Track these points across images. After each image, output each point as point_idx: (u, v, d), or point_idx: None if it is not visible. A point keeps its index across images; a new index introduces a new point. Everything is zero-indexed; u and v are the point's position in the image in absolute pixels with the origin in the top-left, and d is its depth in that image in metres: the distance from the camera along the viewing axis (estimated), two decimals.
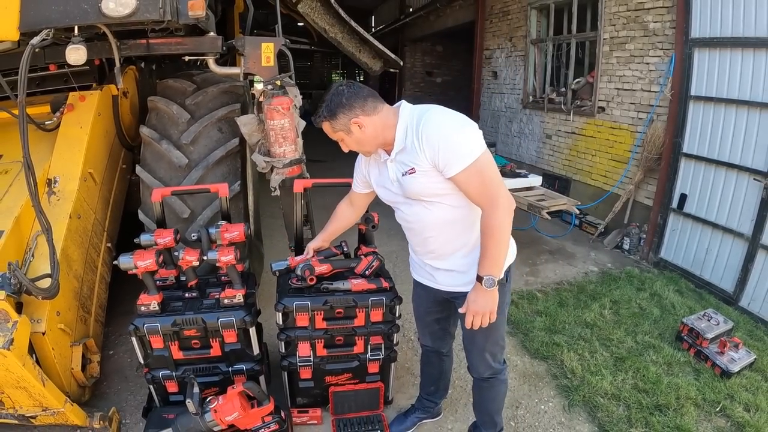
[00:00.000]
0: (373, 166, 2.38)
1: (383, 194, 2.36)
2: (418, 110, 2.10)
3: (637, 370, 3.58)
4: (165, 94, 3.82)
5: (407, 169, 2.10)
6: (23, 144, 2.58)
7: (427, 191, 2.11)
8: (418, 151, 2.03)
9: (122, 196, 4.08)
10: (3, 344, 2.35)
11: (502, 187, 2.02)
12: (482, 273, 2.04)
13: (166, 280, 3.04)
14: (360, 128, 2.09)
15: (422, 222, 2.24)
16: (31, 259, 2.95)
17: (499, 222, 1.99)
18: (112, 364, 3.78)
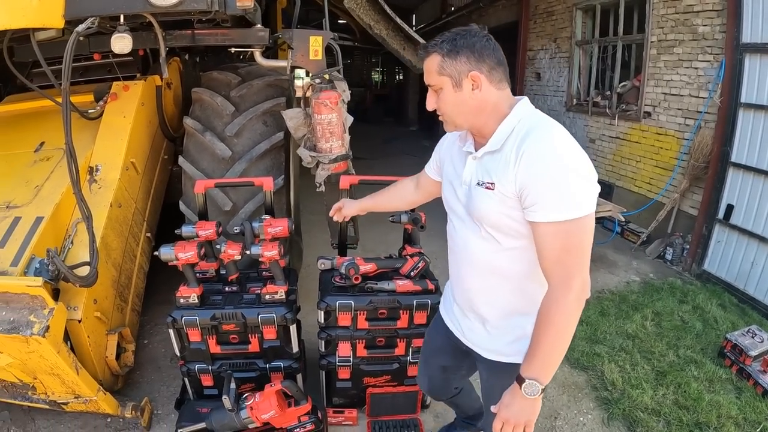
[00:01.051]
0: (455, 154, 1.82)
1: (446, 192, 1.85)
2: (536, 117, 1.55)
3: (679, 385, 3.35)
4: (209, 86, 3.67)
5: (487, 180, 1.56)
6: (66, 131, 2.47)
7: (493, 219, 1.57)
8: (510, 165, 1.48)
9: (163, 187, 3.95)
10: (38, 331, 2.25)
11: (585, 268, 1.45)
12: (526, 374, 1.48)
13: (206, 273, 2.88)
14: (472, 89, 1.54)
15: (470, 252, 1.72)
16: (70, 247, 2.84)
17: (567, 311, 1.42)
18: (146, 353, 3.66)
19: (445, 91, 1.57)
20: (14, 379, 2.60)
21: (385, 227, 3.49)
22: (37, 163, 3.20)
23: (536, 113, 1.56)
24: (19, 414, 3.03)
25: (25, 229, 2.73)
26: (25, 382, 2.61)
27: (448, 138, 1.91)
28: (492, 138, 1.56)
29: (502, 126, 1.54)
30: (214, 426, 2.45)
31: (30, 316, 2.33)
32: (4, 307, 2.39)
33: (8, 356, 2.41)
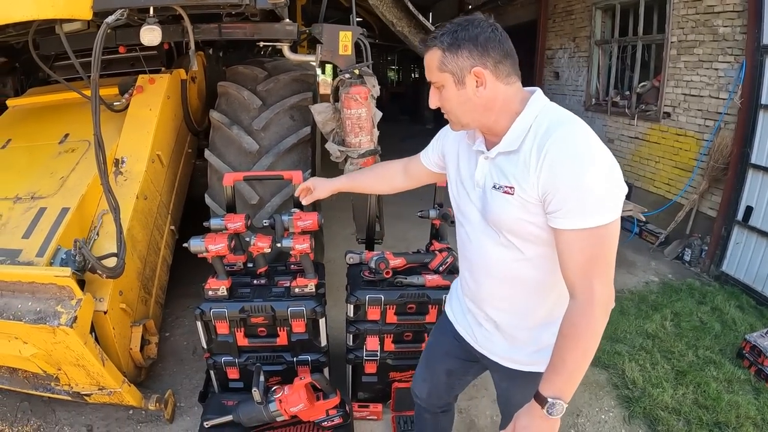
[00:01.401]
0: (463, 151, 1.64)
1: (456, 194, 1.67)
2: (555, 113, 1.39)
3: (698, 385, 3.30)
4: (236, 80, 3.62)
5: (504, 183, 1.41)
6: (95, 122, 2.43)
7: (513, 225, 1.43)
8: (531, 167, 1.33)
9: (187, 180, 3.90)
10: (66, 321, 2.22)
11: (611, 276, 1.31)
12: (548, 393, 1.30)
13: (233, 266, 2.82)
14: (476, 85, 1.38)
15: (486, 259, 1.57)
16: (96, 238, 2.80)
17: (594, 326, 1.28)
18: (169, 346, 3.62)
19: (447, 89, 1.42)
20: (38, 369, 2.56)
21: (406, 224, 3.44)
22: (61, 154, 3.16)
23: (554, 108, 1.41)
24: (39, 405, 3.00)
25: (51, 219, 2.68)
26: (48, 373, 2.57)
27: (452, 133, 1.72)
28: (506, 137, 1.41)
29: (516, 124, 1.39)
30: (242, 419, 2.39)
31: (57, 306, 2.29)
32: (30, 298, 2.36)
33: (33, 347, 2.38)
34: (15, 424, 2.88)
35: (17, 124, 3.60)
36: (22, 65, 4.08)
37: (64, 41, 2.76)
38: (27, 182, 2.96)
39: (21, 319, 2.26)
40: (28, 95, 3.87)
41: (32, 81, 4.12)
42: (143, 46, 2.88)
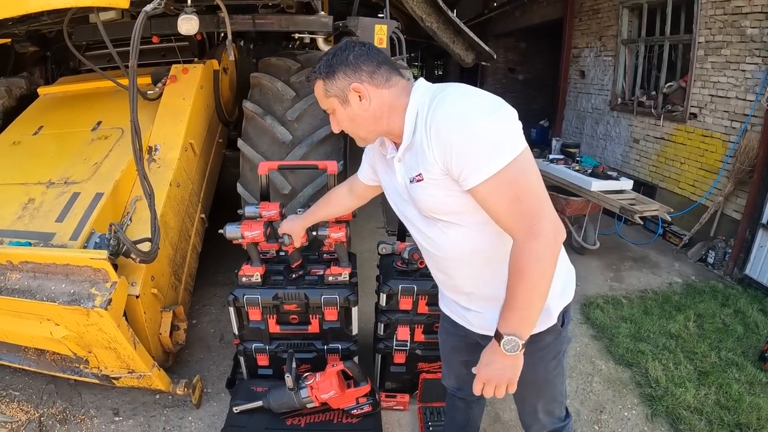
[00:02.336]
0: (381, 163, 1.69)
1: (394, 202, 1.69)
2: (433, 90, 1.40)
3: (720, 386, 3.21)
4: (269, 71, 3.56)
5: (414, 174, 1.43)
6: (132, 109, 2.39)
7: (440, 207, 1.44)
8: (426, 149, 1.35)
9: (217, 170, 3.84)
10: (101, 303, 2.18)
11: (545, 206, 1.28)
12: (504, 330, 1.33)
13: (266, 253, 2.75)
14: (360, 100, 1.43)
15: (439, 248, 1.57)
16: (129, 223, 2.77)
17: (535, 257, 1.26)
18: (196, 333, 3.57)
19: (338, 111, 1.49)
20: (68, 352, 2.54)
21: None
22: (94, 141, 3.14)
23: (432, 87, 1.42)
24: (65, 387, 2.96)
25: (85, 204, 2.66)
26: (78, 355, 2.55)
27: (372, 147, 1.75)
28: (404, 134, 1.44)
29: (407, 118, 1.42)
30: (272, 404, 2.33)
31: (91, 288, 2.27)
32: (64, 280, 2.33)
33: (65, 329, 2.35)
34: (41, 406, 2.84)
35: (48, 111, 3.58)
36: (53, 54, 4.04)
37: (102, 30, 2.71)
38: (60, 168, 2.94)
39: (55, 301, 2.24)
40: (59, 84, 3.84)
41: (62, 70, 4.07)
42: (176, 36, 2.83)
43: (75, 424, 2.75)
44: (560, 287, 1.61)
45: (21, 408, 2.83)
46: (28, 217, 2.67)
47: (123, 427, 2.74)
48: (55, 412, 2.81)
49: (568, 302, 1.66)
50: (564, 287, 1.64)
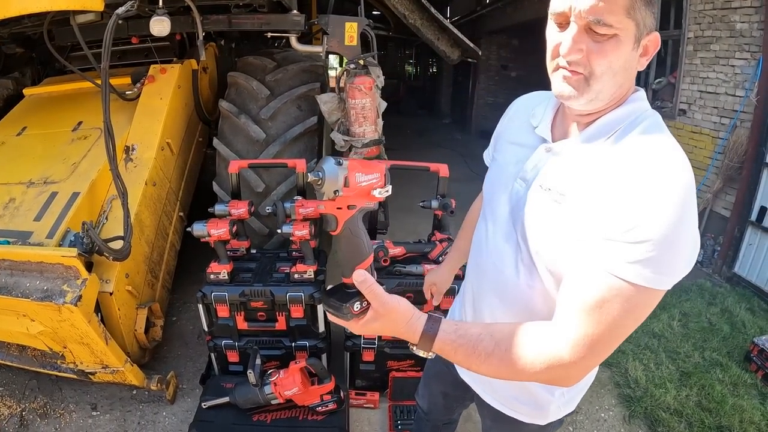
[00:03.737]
0: (515, 130, 1.30)
1: (493, 178, 1.32)
2: (657, 125, 1.04)
3: (702, 387, 3.18)
4: (245, 70, 3.59)
5: (556, 187, 1.07)
6: (104, 110, 2.42)
7: (544, 243, 1.09)
8: (597, 174, 1.00)
9: (197, 168, 3.88)
10: (71, 300, 2.23)
11: (606, 352, 0.97)
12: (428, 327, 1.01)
13: (237, 251, 2.80)
14: (640, 56, 1.01)
15: (496, 272, 1.24)
16: (105, 222, 2.79)
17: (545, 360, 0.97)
18: (175, 329, 3.59)
19: (621, 41, 0.95)
20: (44, 347, 2.57)
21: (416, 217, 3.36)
22: (74, 141, 3.16)
23: (657, 120, 1.06)
24: (46, 383, 3.00)
25: (62, 203, 2.69)
26: (54, 350, 2.57)
27: (519, 104, 1.36)
28: (589, 130, 1.07)
29: (609, 117, 1.05)
30: (237, 400, 2.39)
31: (63, 285, 2.30)
32: (39, 277, 2.36)
33: (40, 324, 2.38)
34: (23, 401, 2.89)
35: (33, 112, 3.60)
36: (39, 55, 4.07)
37: (77, 32, 2.76)
38: (40, 168, 2.96)
39: (29, 297, 2.27)
40: (44, 84, 3.87)
41: (49, 71, 4.11)
42: (155, 36, 2.86)
43: (54, 418, 2.79)
44: (570, 396, 1.37)
45: (3, 402, 2.87)
46: (9, 216, 2.71)
47: (100, 422, 2.77)
48: (36, 406, 2.85)
49: (569, 412, 1.41)
50: (572, 397, 1.38)
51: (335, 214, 0.96)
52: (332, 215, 0.96)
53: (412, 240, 2.77)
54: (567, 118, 1.14)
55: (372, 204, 1.01)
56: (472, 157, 8.86)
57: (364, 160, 0.99)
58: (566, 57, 0.98)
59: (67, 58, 3.64)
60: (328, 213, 0.96)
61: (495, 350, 0.98)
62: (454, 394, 1.75)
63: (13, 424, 2.73)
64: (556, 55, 1.02)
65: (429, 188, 2.51)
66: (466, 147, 10.61)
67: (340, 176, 0.91)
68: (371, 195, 0.99)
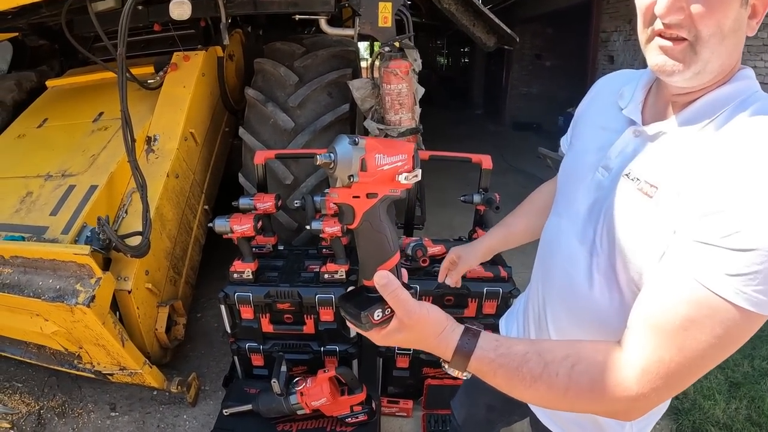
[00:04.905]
0: (598, 112, 1.09)
1: (569, 167, 1.12)
2: (762, 99, 0.81)
3: (752, 399, 2.84)
4: (272, 56, 3.29)
5: (645, 177, 0.87)
6: (121, 98, 2.25)
7: (629, 244, 0.87)
8: (697, 163, 0.79)
9: (223, 159, 3.59)
10: (83, 300, 2.01)
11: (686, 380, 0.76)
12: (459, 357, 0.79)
13: (263, 248, 2.52)
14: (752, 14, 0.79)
15: (566, 279, 1.03)
16: (124, 216, 2.55)
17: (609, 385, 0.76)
18: (199, 327, 3.34)
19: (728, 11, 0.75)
20: (59, 347, 2.39)
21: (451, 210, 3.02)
22: (94, 132, 2.94)
23: (763, 99, 0.82)
24: (66, 381, 2.82)
25: (79, 197, 2.49)
26: (70, 350, 2.39)
27: (603, 83, 1.15)
28: (690, 109, 0.85)
29: (714, 95, 0.83)
30: (261, 409, 2.13)
31: (76, 284, 2.09)
32: (51, 275, 2.17)
33: (54, 324, 2.19)
34: (41, 398, 2.72)
35: (54, 104, 3.40)
36: (62, 47, 3.86)
37: (94, 20, 2.54)
38: (59, 160, 2.77)
39: (40, 297, 2.09)
40: (66, 76, 3.65)
41: (72, 62, 3.87)
42: (179, 24, 2.58)
43: (72, 417, 2.61)
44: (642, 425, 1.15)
45: (23, 400, 2.71)
46: (25, 210, 2.52)
47: (118, 423, 2.58)
48: (54, 405, 2.69)
49: None
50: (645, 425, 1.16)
51: (352, 204, 0.77)
52: (348, 205, 0.77)
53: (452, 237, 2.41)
54: (661, 99, 0.92)
55: (398, 192, 0.81)
56: (506, 148, 8.48)
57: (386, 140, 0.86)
58: (664, 18, 0.78)
59: (91, 49, 3.39)
60: (342, 203, 0.77)
61: (543, 374, 0.78)
62: (501, 408, 1.48)
63: (30, 423, 2.57)
64: (649, 19, 0.82)
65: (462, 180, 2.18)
66: (500, 138, 10.11)
67: (356, 158, 0.74)
68: (396, 181, 0.79)
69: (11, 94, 3.53)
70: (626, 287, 0.89)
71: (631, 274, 0.87)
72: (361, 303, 0.80)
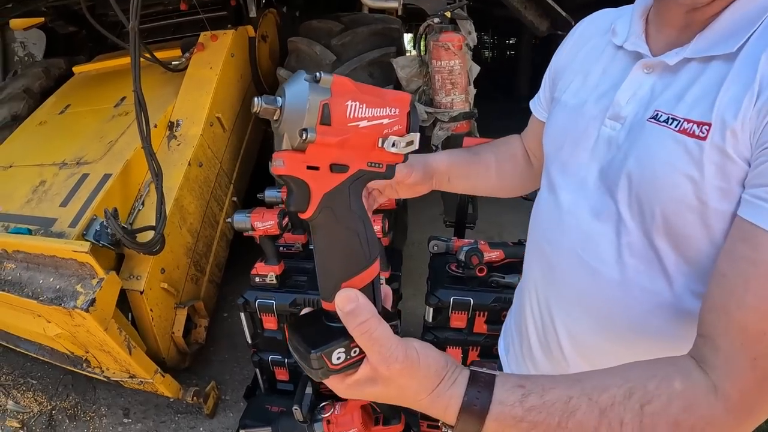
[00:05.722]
0: (589, 57, 0.83)
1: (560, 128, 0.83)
2: None
3: None
4: (308, 34, 2.89)
5: (686, 116, 0.61)
6: (134, 77, 1.93)
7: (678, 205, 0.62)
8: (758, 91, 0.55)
9: (255, 147, 3.21)
10: (82, 304, 1.74)
11: None
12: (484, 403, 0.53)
13: (291, 247, 2.15)
14: None
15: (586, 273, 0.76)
16: (140, 208, 2.26)
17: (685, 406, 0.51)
18: (224, 328, 3.00)
19: None
20: (65, 350, 2.15)
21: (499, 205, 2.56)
22: (114, 118, 2.65)
23: None
24: (81, 380, 2.60)
25: (91, 187, 2.22)
26: (76, 354, 2.13)
27: (584, 26, 0.89)
28: (715, 24, 0.62)
29: (741, 4, 0.60)
30: None
31: (77, 285, 1.83)
32: (53, 273, 1.93)
33: (56, 326, 1.94)
34: (54, 398, 2.53)
35: (79, 90, 3.15)
36: (89, 32, 3.63)
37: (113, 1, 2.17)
38: (76, 147, 2.51)
39: (37, 298, 1.85)
40: (94, 62, 3.39)
41: (102, 48, 3.61)
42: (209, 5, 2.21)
43: (84, 421, 2.40)
44: None
45: (35, 398, 2.53)
46: (36, 200, 2.28)
47: (130, 431, 2.34)
48: (67, 406, 2.49)
49: None
50: None
51: (304, 179, 0.49)
52: (299, 180, 0.49)
53: (511, 241, 1.96)
54: (668, 24, 0.68)
55: (381, 167, 0.53)
56: None
57: (368, 85, 0.51)
58: None
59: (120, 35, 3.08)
60: (290, 175, 0.48)
61: (602, 427, 0.52)
62: None
63: (41, 423, 2.38)
64: None
65: None
66: None
67: (314, 103, 0.46)
68: (379, 148, 0.51)
69: (38, 81, 3.34)
70: (676, 271, 0.65)
71: (685, 252, 0.63)
72: (315, 336, 0.53)
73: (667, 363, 0.56)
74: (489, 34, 18.63)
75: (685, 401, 0.52)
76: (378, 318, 0.52)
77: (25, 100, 3.17)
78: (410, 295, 2.23)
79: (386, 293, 0.63)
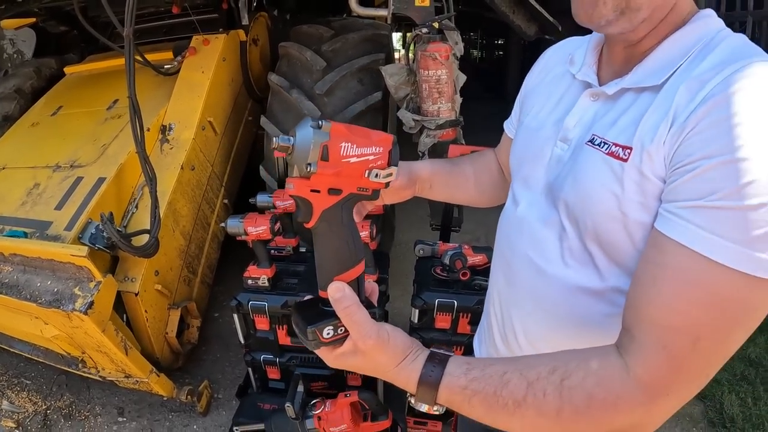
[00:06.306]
0: (548, 84, 0.92)
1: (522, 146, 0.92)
2: (737, 40, 0.66)
3: None
4: (299, 39, 2.92)
5: (614, 140, 0.70)
6: (129, 83, 1.94)
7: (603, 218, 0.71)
8: (673, 117, 0.63)
9: (246, 150, 3.25)
10: (80, 307, 1.78)
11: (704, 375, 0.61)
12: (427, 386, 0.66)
13: (282, 250, 2.20)
14: None
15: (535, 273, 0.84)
16: (134, 211, 2.28)
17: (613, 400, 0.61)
18: (215, 328, 3.03)
19: None
20: (62, 351, 2.18)
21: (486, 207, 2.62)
22: (107, 120, 2.66)
23: (733, 35, 0.68)
24: (75, 380, 2.62)
25: (85, 190, 2.23)
26: (73, 355, 2.17)
27: (550, 53, 0.99)
28: (648, 61, 0.70)
29: (671, 42, 0.69)
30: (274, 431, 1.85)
31: (75, 288, 1.86)
32: (51, 276, 1.95)
33: (54, 328, 1.97)
34: (49, 397, 2.55)
35: (71, 91, 3.14)
36: (81, 33, 3.59)
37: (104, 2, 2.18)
38: (70, 149, 2.52)
39: (36, 300, 1.86)
40: (85, 62, 3.38)
41: (93, 49, 3.60)
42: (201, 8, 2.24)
43: (79, 420, 2.43)
44: None
45: (30, 398, 2.55)
46: (31, 203, 2.29)
47: (125, 430, 2.37)
48: (61, 405, 2.51)
49: None
50: None
51: (309, 199, 0.65)
52: (305, 200, 0.65)
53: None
54: (615, 57, 0.78)
55: (368, 192, 0.69)
56: None
57: (361, 128, 0.66)
58: None
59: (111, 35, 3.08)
60: (298, 196, 0.64)
61: (528, 396, 0.63)
62: None
63: (36, 423, 2.41)
64: None
65: None
66: None
67: (316, 144, 0.61)
68: (365, 178, 0.67)
69: (30, 81, 3.31)
70: (608, 272, 0.74)
71: (614, 256, 0.73)
72: (312, 316, 0.68)
73: (592, 349, 0.67)
74: (478, 34, 18.73)
75: (598, 378, 0.62)
76: (359, 305, 0.67)
77: (16, 101, 3.15)
78: (398, 296, 2.29)
79: (372, 289, 0.77)
